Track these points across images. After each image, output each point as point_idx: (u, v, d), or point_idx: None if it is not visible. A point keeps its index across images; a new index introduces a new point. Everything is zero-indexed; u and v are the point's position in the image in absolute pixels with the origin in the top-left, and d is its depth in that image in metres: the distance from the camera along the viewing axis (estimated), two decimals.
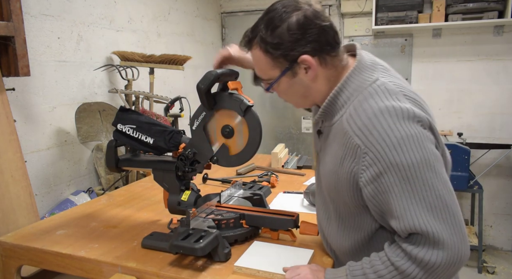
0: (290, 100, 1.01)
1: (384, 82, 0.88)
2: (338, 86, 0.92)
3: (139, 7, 2.70)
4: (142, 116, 1.30)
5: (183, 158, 1.22)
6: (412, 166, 0.79)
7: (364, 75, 0.91)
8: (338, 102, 0.93)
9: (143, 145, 1.29)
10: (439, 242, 0.78)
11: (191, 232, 1.08)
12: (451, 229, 0.78)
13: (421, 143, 0.80)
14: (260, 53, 0.92)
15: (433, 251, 0.78)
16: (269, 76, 0.95)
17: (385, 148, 0.80)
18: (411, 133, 0.80)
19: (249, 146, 1.15)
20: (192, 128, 1.19)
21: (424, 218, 0.79)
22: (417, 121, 0.82)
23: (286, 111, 3.98)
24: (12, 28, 1.60)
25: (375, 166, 0.82)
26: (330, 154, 0.95)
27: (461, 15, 3.08)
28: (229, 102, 1.14)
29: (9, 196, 1.57)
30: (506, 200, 3.44)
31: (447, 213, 0.79)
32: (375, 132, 0.81)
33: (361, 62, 0.93)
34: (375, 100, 0.85)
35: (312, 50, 0.88)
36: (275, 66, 0.92)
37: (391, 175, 0.80)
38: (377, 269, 0.85)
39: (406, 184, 0.80)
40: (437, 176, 0.80)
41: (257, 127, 1.12)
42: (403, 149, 0.79)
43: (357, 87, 0.90)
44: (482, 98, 3.38)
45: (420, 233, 0.79)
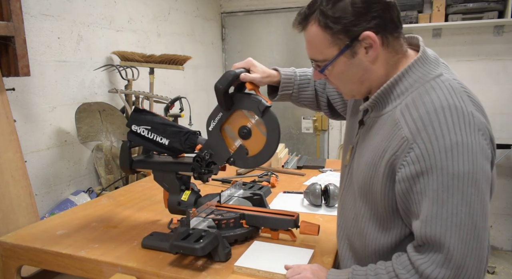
0: (343, 86, 0.93)
1: (448, 79, 0.82)
2: (398, 74, 0.85)
3: (139, 7, 2.70)
4: (156, 117, 1.27)
5: (199, 160, 1.19)
6: (457, 176, 0.73)
7: (428, 67, 0.85)
8: (394, 92, 0.86)
9: (158, 146, 1.26)
10: (451, 261, 0.73)
11: (191, 232, 1.07)
12: (470, 253, 0.73)
13: (475, 155, 0.74)
14: (317, 29, 0.84)
15: (441, 269, 0.73)
16: (324, 56, 0.87)
17: (435, 149, 0.74)
18: (468, 141, 0.73)
19: (267, 147, 1.12)
20: (209, 129, 1.17)
21: (447, 231, 0.73)
22: (478, 129, 0.75)
23: (286, 111, 3.98)
24: (12, 28, 1.60)
25: (418, 164, 0.76)
26: (371, 147, 0.88)
27: (461, 15, 3.08)
28: (247, 102, 1.11)
29: (9, 196, 1.57)
30: (506, 200, 3.44)
31: (472, 235, 0.73)
32: (430, 129, 0.75)
33: (425, 54, 0.87)
34: (438, 95, 0.78)
35: (376, 26, 0.81)
36: (334, 43, 0.84)
37: (433, 178, 0.75)
38: (380, 275, 0.81)
39: (444, 192, 0.74)
40: (479, 195, 0.74)
41: (276, 128, 1.10)
42: (454, 155, 0.73)
43: (418, 79, 0.83)
44: (482, 98, 3.32)
45: (437, 244, 0.74)
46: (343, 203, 1.04)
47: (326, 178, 1.91)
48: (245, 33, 3.99)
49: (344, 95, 0.97)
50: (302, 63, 3.83)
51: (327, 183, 1.51)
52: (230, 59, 4.06)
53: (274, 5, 3.84)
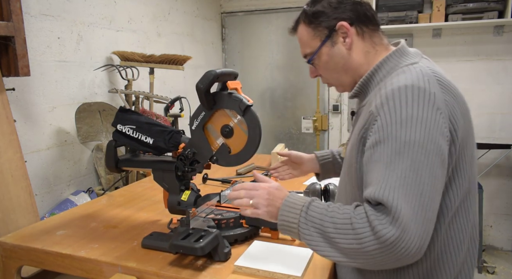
0: (330, 76, 1.04)
1: (421, 66, 0.89)
2: (377, 64, 0.96)
3: (139, 7, 2.70)
4: (141, 117, 1.31)
5: (182, 158, 1.22)
6: (408, 143, 0.79)
7: (405, 58, 0.95)
8: (374, 79, 0.96)
9: (143, 145, 1.29)
10: (397, 221, 0.76)
11: (191, 231, 1.08)
12: (415, 218, 0.76)
13: (428, 128, 0.80)
14: (303, 26, 1.01)
15: (389, 227, 0.76)
16: (311, 48, 1.01)
17: (392, 120, 0.81)
18: (423, 115, 0.80)
19: (248, 145, 1.15)
20: (192, 128, 1.19)
21: (395, 193, 0.77)
22: (437, 108, 0.81)
23: (286, 111, 3.98)
24: (12, 28, 1.60)
25: (377, 134, 0.83)
26: (355, 131, 0.97)
27: (461, 15, 3.08)
28: (228, 101, 1.14)
29: (9, 196, 1.57)
30: (506, 200, 3.44)
31: (418, 201, 0.77)
32: (391, 103, 0.83)
33: (404, 47, 0.97)
34: (406, 77, 0.86)
35: (350, 18, 0.96)
36: (316, 35, 0.99)
37: (387, 145, 0.81)
38: (335, 216, 0.84)
39: (396, 157, 0.79)
40: (428, 165, 0.79)
41: (257, 127, 1.13)
42: (408, 126, 0.80)
43: (393, 66, 0.94)
44: (482, 98, 3.38)
45: (386, 205, 0.78)
46: (339, 192, 1.09)
47: None
48: (245, 33, 3.99)
49: (335, 87, 1.08)
50: (302, 63, 3.83)
51: (327, 183, 1.51)
52: (230, 59, 4.07)
53: (274, 5, 3.84)
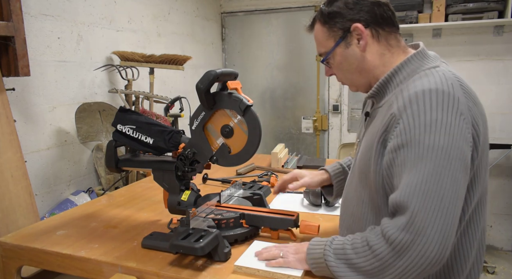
0: (345, 76, 1.03)
1: (443, 70, 0.88)
2: (397, 65, 0.94)
3: (139, 7, 2.71)
4: (141, 117, 1.30)
5: (182, 158, 1.22)
6: (431, 148, 0.79)
7: (426, 61, 0.94)
8: (394, 81, 0.94)
9: (142, 145, 1.29)
10: (412, 226, 0.76)
11: (191, 231, 1.07)
12: (432, 223, 0.76)
13: (452, 134, 0.79)
14: (319, 26, 1.00)
15: (402, 232, 0.77)
16: (325, 48, 1.01)
17: (416, 124, 0.81)
18: (448, 120, 0.79)
19: (248, 145, 1.15)
20: (192, 128, 1.19)
21: (414, 197, 0.78)
22: (461, 114, 0.81)
23: (286, 111, 3.98)
24: (12, 28, 1.60)
25: (400, 138, 0.83)
26: (371, 132, 0.95)
27: (461, 15, 3.08)
28: (228, 101, 1.14)
29: (9, 196, 1.57)
30: (506, 200, 3.44)
31: (438, 206, 0.76)
32: (414, 106, 0.82)
33: (424, 50, 0.96)
34: (429, 80, 0.84)
35: (365, 20, 0.94)
36: (331, 36, 0.98)
37: (411, 149, 0.81)
38: (355, 243, 0.87)
39: (418, 162, 0.79)
40: (450, 170, 0.78)
41: (257, 127, 1.12)
42: (432, 130, 0.79)
43: (415, 69, 0.92)
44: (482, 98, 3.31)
45: (403, 208, 0.78)
46: (347, 193, 1.09)
47: None
48: (245, 33, 3.99)
49: (349, 87, 1.07)
50: (302, 63, 3.84)
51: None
52: (230, 59, 4.07)
53: (274, 5, 3.84)
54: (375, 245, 0.81)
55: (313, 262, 0.93)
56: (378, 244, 0.81)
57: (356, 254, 0.85)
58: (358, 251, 0.85)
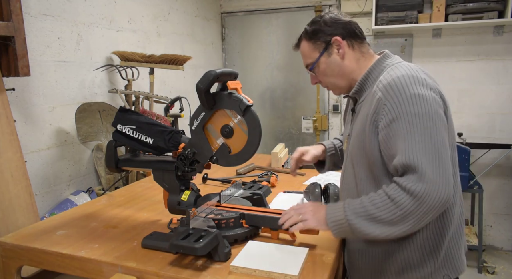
0: (330, 81, 1.23)
1: (407, 63, 1.13)
2: (371, 66, 1.17)
3: (139, 7, 2.71)
4: (141, 117, 1.30)
5: (182, 158, 1.22)
6: (417, 115, 0.98)
7: (392, 59, 1.17)
8: (369, 79, 1.16)
9: (143, 145, 1.29)
10: (425, 178, 0.94)
11: (191, 231, 1.08)
12: (437, 170, 0.95)
13: (428, 102, 0.99)
14: (305, 43, 1.22)
15: (419, 183, 0.94)
16: (312, 59, 1.22)
17: (400, 100, 1.00)
18: (422, 93, 1.00)
19: (248, 145, 1.15)
20: (192, 128, 1.19)
21: (418, 155, 0.96)
22: (430, 88, 1.03)
23: (286, 111, 3.98)
24: (12, 28, 1.60)
25: (390, 114, 1.01)
26: (360, 120, 1.13)
27: (461, 15, 3.08)
28: (228, 101, 1.14)
29: (9, 196, 1.57)
30: (506, 200, 3.44)
31: (436, 158, 0.96)
32: (395, 88, 1.02)
33: (389, 53, 1.20)
34: (400, 70, 1.06)
35: (341, 34, 1.17)
36: (315, 48, 1.20)
37: (401, 121, 0.99)
38: (373, 199, 1.01)
39: (411, 128, 0.98)
40: (436, 129, 0.98)
41: (257, 127, 1.12)
42: (413, 102, 0.99)
43: (386, 65, 1.15)
44: (482, 98, 3.38)
45: (413, 166, 0.95)
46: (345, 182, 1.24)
47: (326, 178, 1.90)
48: (245, 33, 3.99)
49: (333, 91, 1.26)
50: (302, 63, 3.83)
51: (327, 183, 1.51)
52: (230, 59, 4.07)
53: (274, 5, 3.84)
54: (397, 197, 0.97)
55: (334, 224, 1.06)
56: (400, 196, 0.96)
57: (377, 209, 0.99)
58: (378, 205, 0.99)
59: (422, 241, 1.09)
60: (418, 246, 1.10)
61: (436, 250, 1.10)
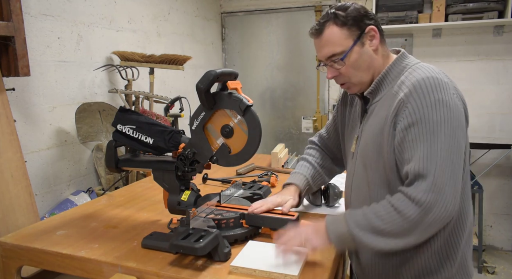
0: (357, 75, 1.13)
1: (426, 64, 1.10)
2: (388, 67, 1.12)
3: (139, 7, 2.71)
4: (141, 117, 1.30)
5: (182, 158, 1.22)
6: (439, 123, 0.95)
7: (409, 59, 1.13)
8: (388, 78, 1.11)
9: (143, 145, 1.28)
10: (435, 187, 0.91)
11: (191, 231, 1.08)
12: (448, 182, 0.92)
13: (451, 110, 0.97)
14: (335, 28, 1.09)
15: (429, 193, 0.91)
16: (343, 47, 1.09)
17: (422, 104, 0.97)
18: (445, 98, 0.97)
19: (248, 145, 1.15)
20: (192, 128, 1.19)
21: (433, 165, 0.93)
22: (453, 93, 1.00)
23: (286, 111, 3.98)
24: (12, 28, 1.60)
25: (410, 118, 0.98)
26: (376, 121, 1.10)
27: (461, 15, 3.08)
28: (228, 101, 1.14)
29: (9, 196, 1.57)
30: (506, 200, 3.44)
31: (450, 168, 0.93)
32: (419, 90, 0.98)
33: (404, 53, 1.15)
34: (423, 71, 1.03)
35: (375, 24, 1.11)
36: (349, 35, 1.09)
37: (421, 127, 0.96)
38: (377, 211, 0.98)
39: (430, 136, 0.95)
40: (455, 139, 0.96)
41: (257, 127, 1.12)
42: (436, 108, 0.96)
43: (405, 65, 1.11)
44: (482, 98, 3.38)
45: (424, 175, 0.93)
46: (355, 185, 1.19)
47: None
48: (245, 33, 3.99)
49: (351, 88, 1.17)
50: (302, 63, 3.84)
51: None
52: (230, 59, 4.07)
53: (274, 5, 3.84)
54: (404, 209, 0.93)
55: (337, 239, 1.02)
56: (407, 208, 0.93)
57: (382, 221, 0.96)
58: (383, 217, 0.96)
59: (439, 246, 1.06)
60: (435, 251, 1.06)
61: (453, 254, 1.07)
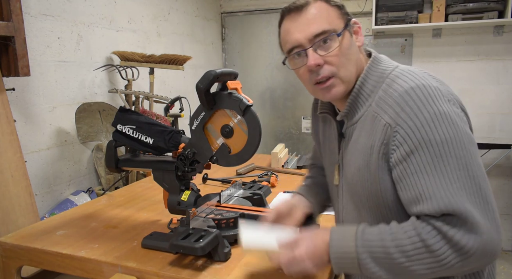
0: (347, 67, 0.91)
1: (406, 67, 0.89)
2: (361, 77, 0.92)
3: (139, 7, 2.70)
4: (141, 117, 1.30)
5: (182, 158, 1.22)
6: (445, 143, 0.74)
7: (383, 65, 0.93)
8: (363, 94, 0.91)
9: (143, 145, 1.28)
10: (474, 226, 0.70)
11: (191, 231, 1.08)
12: (485, 215, 0.72)
13: (454, 121, 0.76)
14: (325, 5, 0.91)
15: (470, 235, 0.70)
16: (334, 26, 0.89)
17: (417, 124, 0.76)
18: (443, 110, 0.76)
19: (248, 145, 1.15)
20: (192, 128, 1.19)
21: (459, 198, 0.71)
22: (448, 100, 0.79)
23: (286, 111, 3.98)
24: (12, 28, 1.60)
25: (406, 144, 0.77)
26: (358, 151, 0.89)
27: (461, 15, 3.08)
28: (228, 101, 1.14)
29: (9, 196, 1.57)
30: (506, 200, 3.44)
31: (480, 197, 0.73)
32: (407, 108, 0.77)
33: (377, 56, 0.96)
34: (404, 80, 0.82)
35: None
36: (340, 16, 0.91)
37: (423, 153, 0.75)
38: (399, 241, 0.75)
39: (439, 162, 0.74)
40: (472, 156, 0.75)
41: (257, 127, 1.12)
42: (436, 125, 0.75)
43: (380, 75, 0.90)
44: (482, 98, 3.38)
45: (455, 214, 0.71)
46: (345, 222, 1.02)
47: None
48: (245, 33, 3.99)
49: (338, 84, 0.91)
50: None
51: None
52: (230, 59, 4.07)
53: (274, 5, 3.84)
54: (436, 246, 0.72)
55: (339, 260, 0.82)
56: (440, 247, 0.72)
57: (407, 257, 0.74)
58: (409, 253, 0.74)
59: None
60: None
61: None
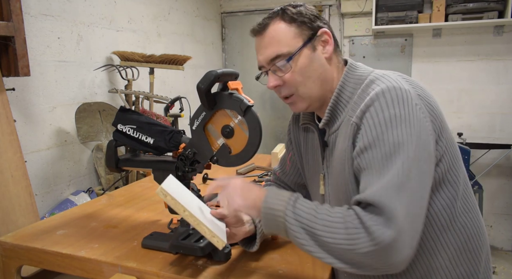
0: (306, 85, 0.95)
1: (381, 71, 0.92)
2: (339, 84, 0.95)
3: (139, 7, 2.70)
4: (142, 116, 1.30)
5: (183, 158, 1.22)
6: (397, 144, 0.77)
7: (359, 71, 0.95)
8: (342, 101, 0.94)
9: (143, 145, 1.29)
10: (393, 221, 0.72)
11: (191, 232, 1.08)
12: (408, 217, 0.73)
13: (412, 126, 0.79)
14: (282, 24, 0.93)
15: (385, 229, 0.72)
16: (290, 48, 0.92)
17: (375, 122, 0.80)
18: (405, 113, 0.79)
19: (249, 146, 1.15)
20: (192, 128, 1.19)
21: (389, 194, 0.74)
22: (415, 104, 0.81)
23: (286, 111, 3.98)
24: (12, 28, 1.60)
25: (362, 140, 0.82)
26: (338, 156, 0.92)
27: (461, 15, 3.08)
28: (229, 102, 1.14)
29: (9, 196, 1.57)
30: (506, 200, 3.44)
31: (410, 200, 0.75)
32: (371, 108, 0.82)
33: (353, 63, 0.98)
34: (377, 84, 0.86)
35: (328, 28, 0.95)
36: (298, 34, 0.93)
37: (375, 150, 0.79)
38: (325, 215, 0.80)
39: (387, 161, 0.77)
40: (418, 163, 0.77)
41: (257, 127, 1.12)
42: (393, 126, 0.79)
43: (357, 81, 0.93)
44: (482, 98, 3.38)
45: (379, 206, 0.74)
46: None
47: None
48: (245, 33, 3.99)
49: (296, 103, 0.99)
50: None
51: None
52: (230, 59, 4.07)
53: (274, 5, 3.83)
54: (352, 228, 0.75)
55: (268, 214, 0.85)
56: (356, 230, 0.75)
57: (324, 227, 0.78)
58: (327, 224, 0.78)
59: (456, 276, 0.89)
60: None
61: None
